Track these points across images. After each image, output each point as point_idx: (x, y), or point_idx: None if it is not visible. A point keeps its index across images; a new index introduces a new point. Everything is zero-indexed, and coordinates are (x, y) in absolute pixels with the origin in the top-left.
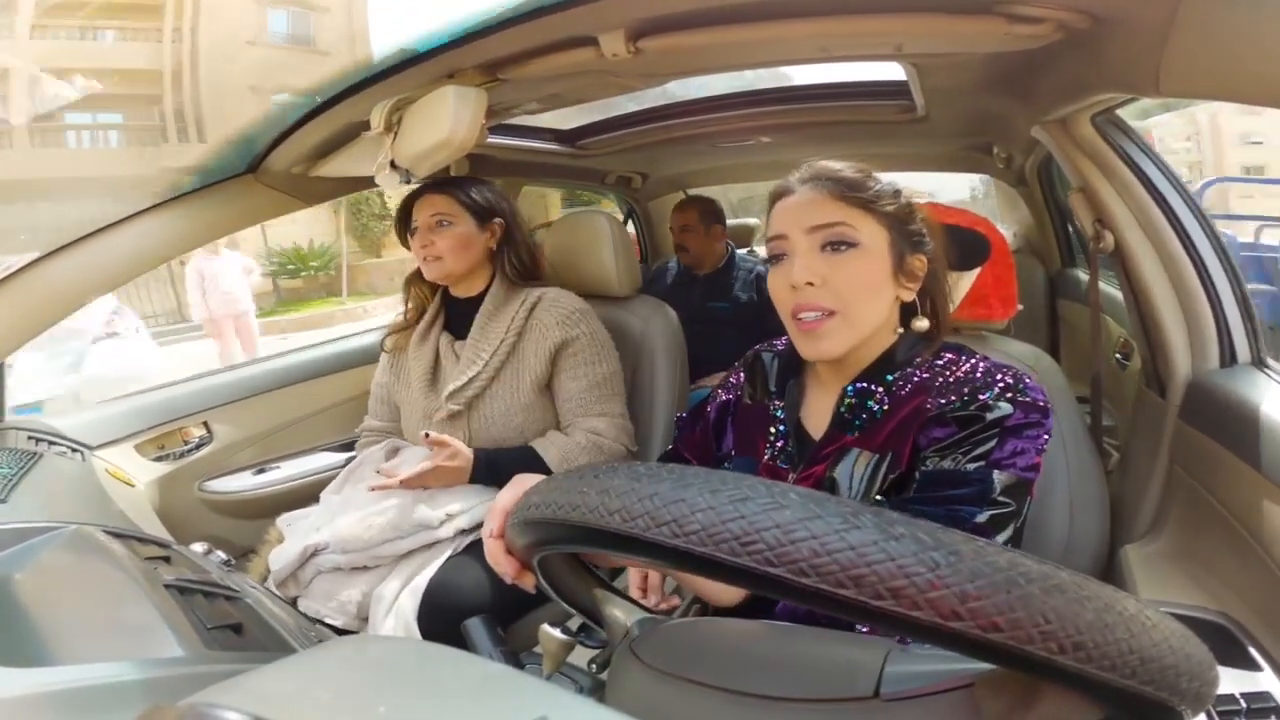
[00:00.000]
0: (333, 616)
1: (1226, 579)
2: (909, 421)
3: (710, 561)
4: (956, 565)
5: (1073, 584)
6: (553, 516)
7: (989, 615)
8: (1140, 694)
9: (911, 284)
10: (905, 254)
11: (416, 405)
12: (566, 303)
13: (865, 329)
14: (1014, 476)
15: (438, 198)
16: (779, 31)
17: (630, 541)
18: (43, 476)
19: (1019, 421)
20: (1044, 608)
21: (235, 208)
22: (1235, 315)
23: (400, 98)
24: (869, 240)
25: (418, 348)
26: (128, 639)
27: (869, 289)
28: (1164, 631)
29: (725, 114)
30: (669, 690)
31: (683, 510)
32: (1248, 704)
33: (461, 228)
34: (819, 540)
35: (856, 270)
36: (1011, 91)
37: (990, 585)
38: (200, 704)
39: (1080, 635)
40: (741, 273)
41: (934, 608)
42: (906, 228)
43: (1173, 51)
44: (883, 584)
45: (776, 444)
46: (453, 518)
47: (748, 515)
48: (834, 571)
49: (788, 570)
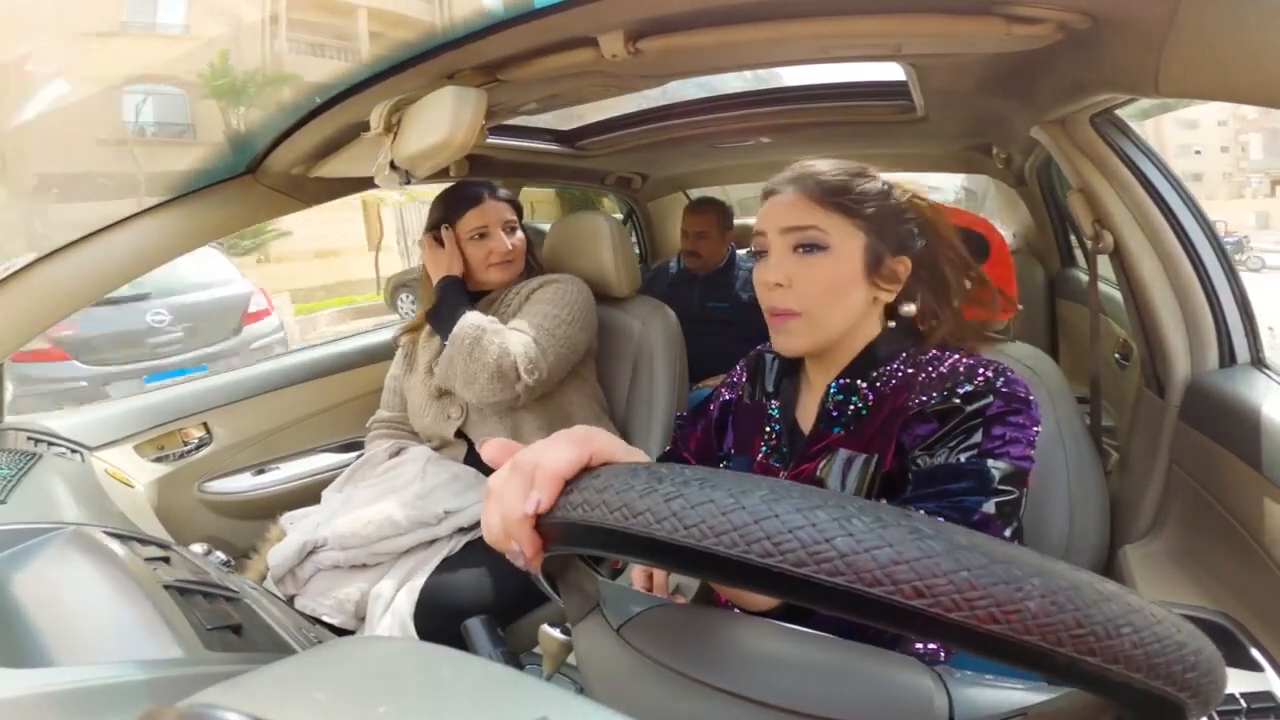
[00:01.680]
0: (330, 614)
1: (1226, 579)
2: (892, 419)
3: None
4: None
5: (1114, 590)
6: (664, 535)
7: (1058, 631)
8: (1150, 690)
9: (890, 286)
10: (884, 256)
11: (421, 388)
12: (560, 274)
13: (830, 330)
14: (1009, 465)
15: (504, 205)
16: (778, 32)
17: (721, 562)
18: (42, 477)
19: (1000, 410)
20: (1102, 616)
21: (235, 208)
22: (1234, 315)
23: (400, 98)
24: (840, 244)
25: (429, 337)
26: (127, 640)
27: (833, 292)
28: (1169, 628)
29: (725, 114)
30: (675, 688)
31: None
32: (1248, 704)
33: (520, 232)
34: (955, 576)
35: (823, 274)
36: (1011, 92)
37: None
38: (199, 705)
39: (1109, 639)
40: (742, 273)
41: (1042, 633)
42: (892, 229)
43: (1172, 52)
44: (999, 608)
45: (771, 442)
46: (451, 515)
47: (857, 534)
48: (949, 592)
49: (886, 591)
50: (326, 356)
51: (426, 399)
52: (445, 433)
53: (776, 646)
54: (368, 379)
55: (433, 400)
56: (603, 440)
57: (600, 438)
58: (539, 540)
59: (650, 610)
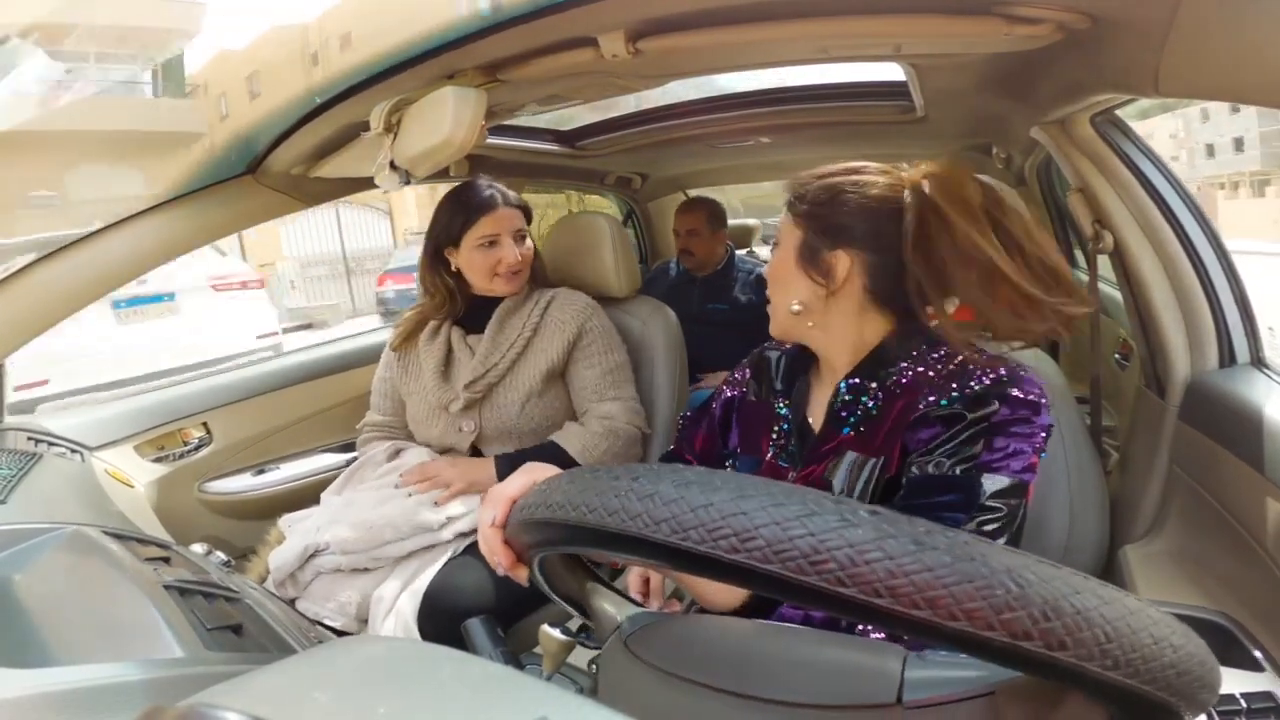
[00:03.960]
0: (331, 618)
1: (1226, 579)
2: (900, 420)
3: (787, 584)
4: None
5: (1115, 593)
6: (582, 520)
7: (1057, 635)
8: (1142, 693)
9: (824, 280)
10: (820, 250)
11: (428, 396)
12: (579, 299)
13: (780, 317)
14: (1007, 479)
15: (515, 211)
16: (778, 32)
17: (676, 552)
18: (42, 477)
19: (1006, 418)
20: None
21: (235, 209)
22: (1234, 315)
23: (400, 98)
24: (784, 239)
25: (429, 342)
26: (127, 640)
27: (775, 281)
28: (1164, 630)
29: (725, 115)
30: (671, 691)
31: (744, 524)
32: (1248, 704)
33: (529, 241)
34: (904, 562)
35: (772, 266)
36: (1011, 92)
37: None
38: (200, 705)
39: (1109, 643)
40: (741, 274)
41: (1008, 628)
42: (826, 223)
43: (1172, 52)
44: (958, 606)
45: (779, 442)
46: (453, 520)
47: (817, 532)
48: (911, 593)
49: (859, 591)
50: (326, 357)
51: (435, 408)
52: (459, 445)
53: (758, 642)
54: (368, 379)
55: (441, 411)
56: (550, 472)
57: (548, 470)
58: (510, 552)
59: (654, 624)
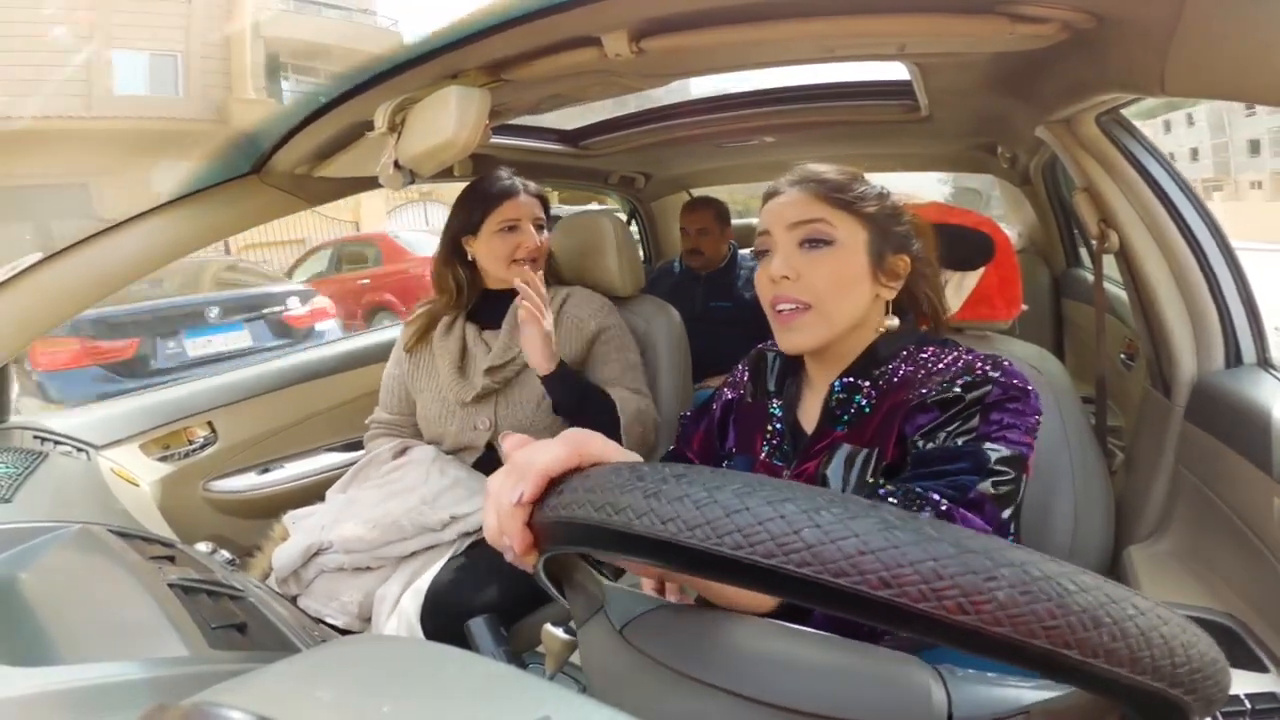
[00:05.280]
0: (334, 616)
1: (1232, 580)
2: (893, 415)
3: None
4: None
5: (1122, 593)
6: (650, 531)
7: (1030, 623)
8: (1154, 691)
9: (892, 282)
10: (885, 253)
11: (443, 391)
12: (596, 298)
13: (839, 324)
14: (1007, 449)
15: (535, 200)
16: (782, 31)
17: (770, 575)
18: (47, 476)
19: (998, 397)
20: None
21: (239, 208)
22: (1241, 315)
23: (404, 98)
24: (846, 238)
25: (443, 338)
26: (132, 638)
27: (842, 284)
28: (1175, 629)
29: (729, 114)
30: (680, 690)
31: (873, 555)
32: (1253, 705)
33: (546, 232)
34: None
35: (831, 266)
36: (1015, 92)
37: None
38: (204, 703)
39: (1116, 642)
40: (744, 272)
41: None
42: (889, 228)
43: (1178, 51)
44: (1039, 624)
45: (772, 441)
46: (456, 520)
47: (862, 534)
48: (915, 583)
49: (980, 621)
50: (331, 355)
51: (450, 405)
52: (475, 443)
53: (778, 646)
54: (373, 377)
55: (457, 407)
56: (597, 444)
57: (594, 441)
58: (529, 536)
59: (653, 611)
